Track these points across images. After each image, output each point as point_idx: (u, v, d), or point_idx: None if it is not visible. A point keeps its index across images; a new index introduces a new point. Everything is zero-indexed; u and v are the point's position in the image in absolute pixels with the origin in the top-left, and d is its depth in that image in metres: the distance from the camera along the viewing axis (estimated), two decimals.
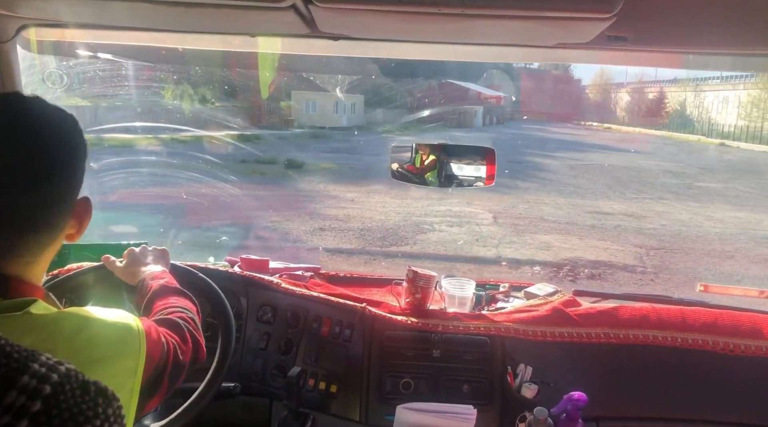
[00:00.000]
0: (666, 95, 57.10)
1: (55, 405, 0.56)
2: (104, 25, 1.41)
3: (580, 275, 7.31)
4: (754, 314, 1.77)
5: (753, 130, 40.12)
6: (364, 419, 1.69)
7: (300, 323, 1.79)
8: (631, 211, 11.76)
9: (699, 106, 51.55)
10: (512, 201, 12.61)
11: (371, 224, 9.52)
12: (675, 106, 55.27)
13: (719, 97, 48.42)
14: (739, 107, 44.26)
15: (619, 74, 69.34)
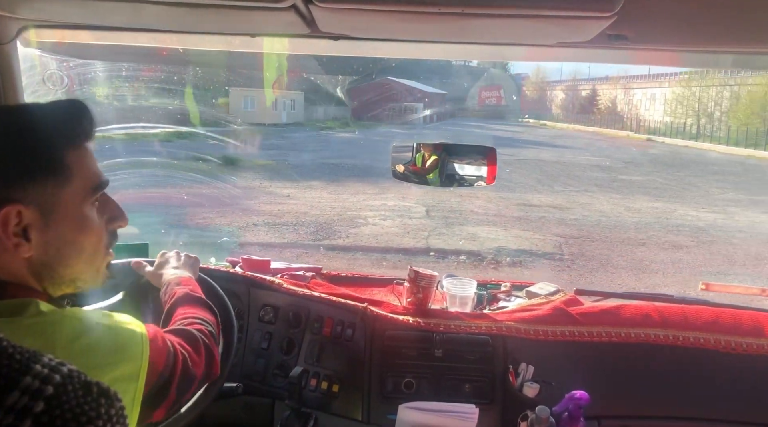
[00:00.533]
0: (598, 92, 58.91)
1: (58, 406, 0.57)
2: (104, 26, 1.40)
3: (502, 263, 7.68)
4: (755, 313, 1.76)
5: (677, 126, 42.02)
6: (366, 419, 1.70)
7: (302, 323, 1.80)
8: (556, 204, 12.31)
9: (629, 103, 53.50)
10: (446, 195, 12.92)
11: (305, 219, 9.71)
12: (606, 103, 57.17)
13: (647, 94, 50.28)
14: (665, 104, 46.05)
15: (554, 72, 70.91)
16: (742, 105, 37.25)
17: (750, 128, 34.53)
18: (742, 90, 38.38)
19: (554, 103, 67.11)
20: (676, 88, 44.28)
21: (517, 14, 0.99)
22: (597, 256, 8.28)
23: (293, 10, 1.04)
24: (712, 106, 41.18)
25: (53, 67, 1.76)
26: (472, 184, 1.73)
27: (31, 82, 1.63)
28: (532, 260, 7.90)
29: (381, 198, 11.93)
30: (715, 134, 37.18)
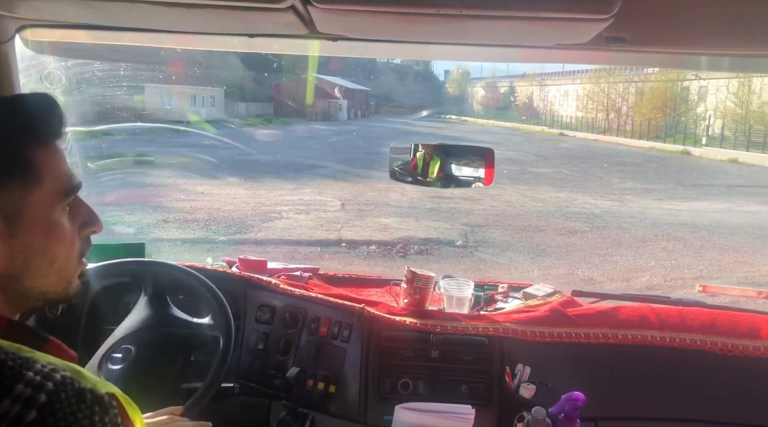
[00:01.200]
0: (516, 89, 60.83)
1: (51, 414, 0.55)
2: (103, 26, 1.39)
3: (410, 251, 8.05)
4: (752, 314, 1.76)
5: (588, 121, 43.99)
6: (362, 419, 1.69)
7: (298, 324, 1.79)
8: (467, 196, 12.79)
9: (544, 100, 55.47)
10: (363, 189, 13.31)
11: (218, 215, 9.81)
12: (524, 100, 59.12)
13: (561, 90, 52.28)
14: (577, 100, 48.02)
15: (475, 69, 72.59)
16: (645, 100, 39.31)
17: (652, 122, 36.71)
18: (645, 86, 40.36)
19: (475, 99, 68.80)
20: (587, 85, 46.18)
21: (514, 16, 0.99)
22: (499, 242, 8.83)
23: (291, 11, 1.04)
24: (620, 102, 43.22)
25: (51, 66, 1.74)
26: (471, 185, 1.74)
27: (28, 82, 1.62)
28: (438, 248, 8.35)
29: (298, 193, 12.17)
30: (622, 128, 38.81)
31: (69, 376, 0.59)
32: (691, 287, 6.82)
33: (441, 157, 1.73)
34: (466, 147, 1.80)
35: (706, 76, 36.01)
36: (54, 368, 0.59)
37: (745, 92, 32.49)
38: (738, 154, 25.82)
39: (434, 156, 1.73)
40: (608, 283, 7.02)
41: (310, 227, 9.35)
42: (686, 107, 37.26)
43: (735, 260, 8.21)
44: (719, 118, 33.36)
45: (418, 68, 70.60)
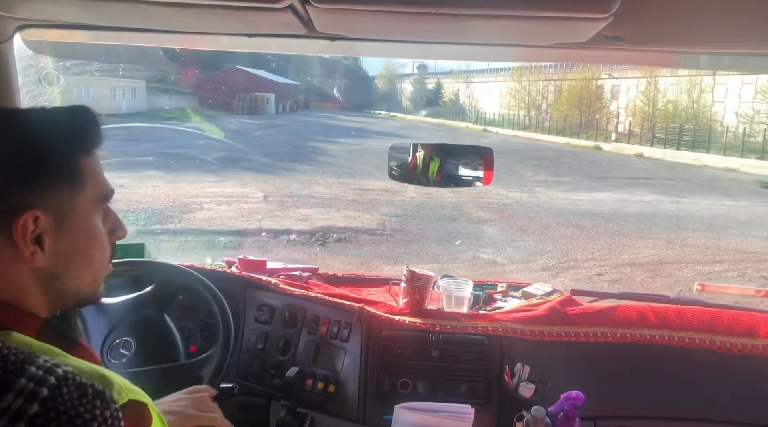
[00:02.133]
0: (443, 86, 61.70)
1: (53, 408, 0.56)
2: (101, 26, 1.39)
3: (329, 239, 8.43)
4: (750, 313, 1.77)
5: (510, 118, 45.40)
6: (362, 419, 1.69)
7: (298, 324, 1.80)
8: (389, 188, 13.32)
9: (470, 96, 56.62)
10: (287, 182, 13.58)
11: (137, 207, 9.91)
12: (450, 96, 60.10)
13: (485, 87, 53.54)
14: (500, 97, 49.35)
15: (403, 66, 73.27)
16: (563, 98, 40.73)
17: (568, 119, 38.44)
18: (564, 85, 41.92)
19: (404, 95, 69.35)
20: (510, 83, 47.50)
21: (514, 15, 0.99)
22: (414, 230, 9.40)
23: (290, 11, 1.04)
24: (540, 99, 44.68)
25: (50, 66, 1.74)
26: (470, 185, 1.76)
27: (27, 82, 1.61)
28: (356, 236, 8.80)
29: (220, 186, 12.35)
30: (541, 125, 40.26)
31: (71, 370, 0.60)
32: (582, 267, 7.57)
33: (440, 157, 1.74)
34: (465, 147, 1.81)
35: (618, 75, 38.02)
36: (56, 363, 0.60)
37: (652, 91, 34.63)
38: (643, 149, 27.76)
39: (433, 156, 1.74)
40: (509, 264, 7.67)
41: (230, 218, 9.62)
42: (600, 105, 38.82)
43: (624, 244, 9.07)
44: (629, 116, 35.38)
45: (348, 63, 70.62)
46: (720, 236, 9.79)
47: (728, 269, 7.77)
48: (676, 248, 8.94)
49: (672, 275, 7.47)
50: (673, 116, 31.89)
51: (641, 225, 10.55)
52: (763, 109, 27.60)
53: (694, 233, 10.03)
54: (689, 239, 9.52)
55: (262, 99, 42.79)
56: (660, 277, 7.40)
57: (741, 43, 1.32)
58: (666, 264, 7.97)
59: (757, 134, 26.00)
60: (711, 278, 7.36)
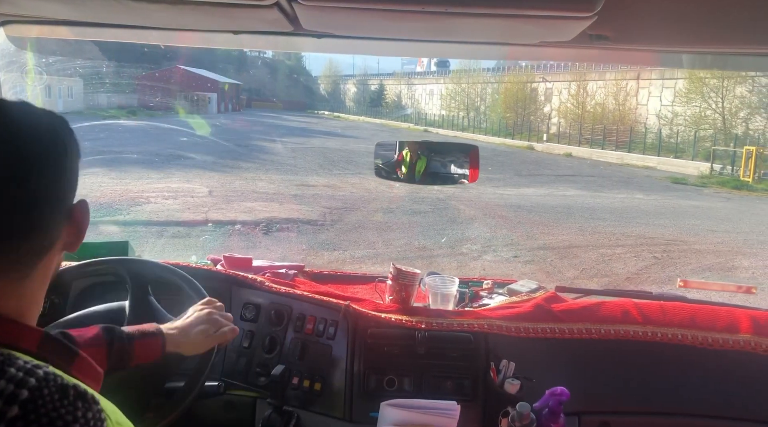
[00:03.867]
0: (386, 87, 62.56)
1: (33, 410, 0.56)
2: (85, 22, 1.38)
3: (272, 230, 9.08)
4: (731, 309, 1.80)
5: (450, 119, 46.54)
6: (348, 417, 1.70)
7: (284, 322, 1.79)
8: (331, 184, 14.10)
9: (411, 98, 57.69)
10: (231, 178, 14.10)
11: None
12: (393, 98, 61.03)
13: (426, 89, 54.66)
14: (441, 99, 50.50)
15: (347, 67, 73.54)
16: (500, 100, 42.20)
17: (504, 120, 39.89)
18: (501, 87, 43.29)
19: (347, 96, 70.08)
20: (450, 85, 48.85)
21: (499, 14, 1.00)
22: (353, 221, 10.18)
23: (276, 8, 1.03)
24: (479, 101, 46.18)
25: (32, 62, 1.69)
26: (456, 182, 1.76)
27: (9, 78, 1.60)
28: (298, 226, 9.51)
29: (165, 181, 12.76)
30: (480, 126, 41.74)
31: (52, 372, 0.60)
32: (501, 251, 8.49)
33: (426, 155, 1.75)
34: (451, 144, 1.82)
35: (552, 78, 39.76)
36: (36, 365, 0.59)
37: (582, 94, 36.50)
38: (572, 149, 29.58)
39: (419, 154, 1.75)
40: (437, 249, 8.51)
41: (177, 210, 10.14)
42: (534, 107, 40.44)
43: (541, 231, 10.11)
44: (561, 118, 37.13)
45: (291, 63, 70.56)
46: (626, 225, 10.98)
47: (627, 252, 8.84)
48: (586, 235, 10.04)
49: (578, 257, 8.47)
50: (601, 118, 33.70)
51: (559, 216, 11.67)
52: (680, 111, 29.74)
53: (605, 222, 11.22)
54: (599, 227, 10.67)
55: (203, 98, 42.50)
56: (567, 258, 8.38)
57: (723, 42, 1.32)
58: (574, 248, 9.00)
59: (675, 135, 28.05)
60: (611, 259, 8.42)
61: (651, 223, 11.36)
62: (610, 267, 8.05)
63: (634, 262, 8.30)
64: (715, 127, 27.36)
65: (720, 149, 24.08)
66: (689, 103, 28.83)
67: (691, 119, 28.47)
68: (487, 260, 8.10)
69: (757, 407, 1.69)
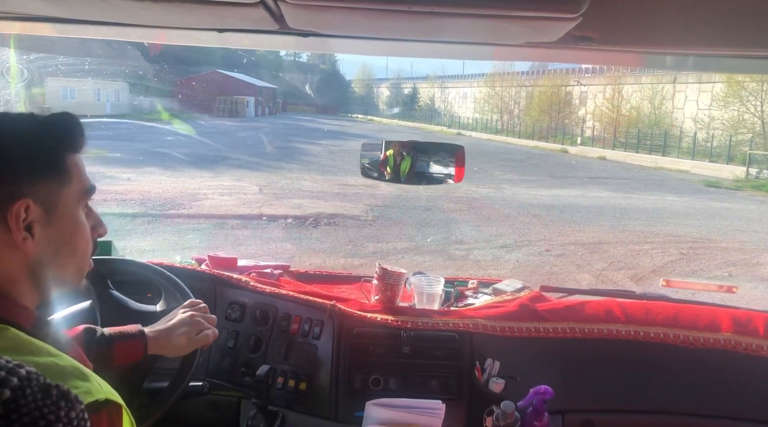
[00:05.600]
0: (419, 91, 62.81)
1: (15, 409, 0.56)
2: (68, 19, 1.37)
3: (321, 223, 9.85)
4: (713, 308, 1.82)
5: (484, 122, 46.72)
6: (333, 416, 1.70)
7: (269, 321, 1.79)
8: (370, 183, 14.66)
9: (444, 101, 57.85)
10: (277, 178, 15.00)
11: (150, 196, 11.23)
12: (426, 101, 61.27)
13: (460, 93, 54.73)
14: (474, 102, 50.63)
15: (380, 70, 73.95)
16: (534, 104, 42.35)
17: (538, 123, 40.04)
18: (535, 91, 43.29)
19: (380, 99, 70.28)
20: (483, 88, 49.03)
21: (485, 14, 1.00)
22: (393, 217, 10.92)
23: (262, 6, 1.03)
24: (512, 105, 46.25)
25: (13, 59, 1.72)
26: (441, 182, 1.77)
27: None
28: (344, 221, 10.25)
29: (217, 180, 13.72)
30: (514, 129, 41.93)
31: (35, 371, 0.60)
32: (534, 245, 9.07)
33: (412, 155, 1.75)
34: (437, 144, 1.82)
35: (586, 82, 39.79)
36: (19, 364, 0.59)
37: (617, 98, 36.52)
38: (606, 152, 29.72)
39: (405, 154, 1.75)
40: (473, 243, 9.13)
41: (233, 205, 11.01)
42: (569, 110, 40.56)
43: (572, 229, 10.62)
44: (596, 121, 37.17)
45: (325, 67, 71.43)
46: (656, 224, 11.41)
47: (654, 248, 9.28)
48: (615, 233, 10.50)
49: (607, 252, 8.96)
50: (636, 122, 33.67)
51: (591, 215, 12.15)
52: (717, 115, 29.62)
53: (635, 221, 11.63)
54: (629, 226, 11.10)
55: (241, 102, 43.08)
56: (597, 253, 8.84)
57: (707, 45, 1.34)
58: (604, 244, 9.50)
59: (711, 139, 27.98)
60: (639, 254, 8.91)
61: (680, 223, 11.75)
62: (637, 261, 8.49)
63: (660, 257, 8.72)
64: (753, 131, 27.17)
65: (758, 154, 23.98)
66: (727, 106, 28.70)
67: (728, 123, 28.46)
68: (520, 253, 8.68)
69: (738, 404, 1.71)
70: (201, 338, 1.35)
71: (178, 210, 10.32)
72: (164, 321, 1.36)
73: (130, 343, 1.26)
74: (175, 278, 1.55)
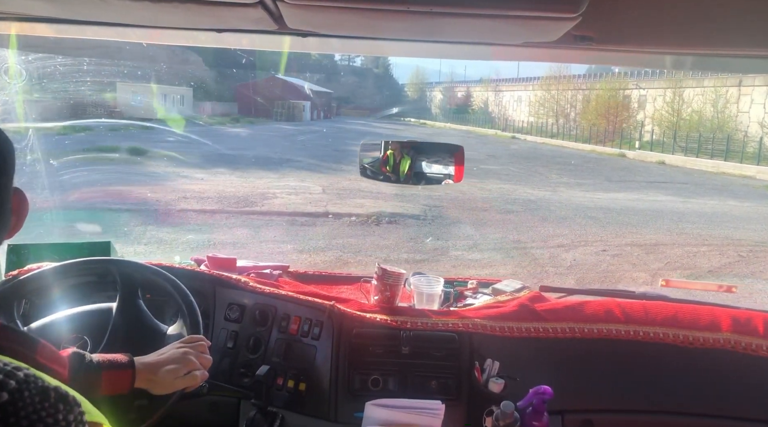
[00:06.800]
0: (472, 94, 62.28)
1: (13, 413, 0.55)
2: (66, 20, 1.37)
3: (382, 222, 10.36)
4: (712, 308, 1.81)
5: (539, 126, 46.27)
6: (333, 417, 1.69)
7: (268, 322, 1.79)
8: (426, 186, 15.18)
9: (499, 104, 57.34)
10: (337, 179, 15.71)
11: (225, 194, 12.08)
12: (479, 104, 60.81)
13: (514, 96, 54.08)
14: (529, 106, 50.11)
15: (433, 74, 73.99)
16: (591, 107, 41.55)
17: (595, 127, 39.51)
18: (592, 94, 42.55)
19: (433, 103, 70.16)
20: (539, 91, 48.33)
21: (483, 14, 1.00)
22: (450, 217, 11.41)
23: (260, 6, 1.03)
24: (569, 108, 45.51)
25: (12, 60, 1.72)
26: (440, 182, 1.76)
27: None
28: (404, 219, 10.75)
29: (283, 180, 14.42)
30: (570, 133, 41.35)
31: (33, 374, 0.59)
32: (590, 245, 9.32)
33: (411, 154, 1.75)
34: (437, 144, 1.81)
35: (646, 85, 39.02)
36: (17, 367, 0.59)
37: (677, 101, 35.73)
38: (665, 156, 29.07)
39: (404, 154, 1.75)
40: (530, 242, 9.44)
41: (300, 204, 11.70)
42: (627, 114, 39.81)
43: (629, 231, 10.74)
44: (655, 125, 36.43)
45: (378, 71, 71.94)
46: (715, 228, 11.36)
47: (712, 250, 9.29)
48: (673, 235, 10.57)
49: (663, 253, 9.05)
50: (698, 126, 32.84)
51: (648, 218, 12.16)
52: None
53: (693, 225, 11.63)
54: (687, 229, 11.13)
55: (298, 106, 43.91)
56: (653, 253, 8.93)
57: (705, 44, 1.33)
58: (661, 245, 9.60)
59: None
60: (696, 255, 9.03)
61: (741, 227, 11.68)
62: (693, 262, 8.57)
63: (718, 259, 8.76)
64: None
65: None
66: None
67: None
68: (577, 253, 8.94)
69: (738, 404, 1.71)
70: (188, 378, 1.29)
71: (251, 207, 11.05)
72: (156, 354, 1.30)
73: (118, 373, 1.20)
74: (193, 305, 1.53)
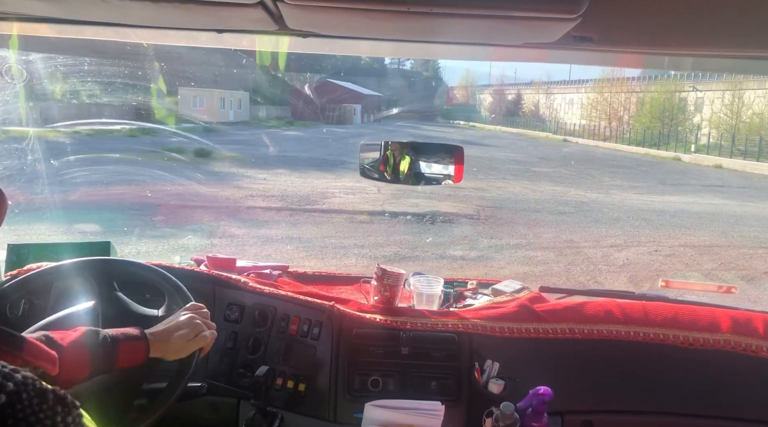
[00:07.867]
0: (523, 97, 61.72)
1: (11, 415, 0.55)
2: (67, 20, 1.37)
3: (437, 221, 10.80)
4: (712, 309, 1.81)
5: (591, 128, 45.69)
6: (332, 418, 1.69)
7: (268, 322, 1.78)
8: (478, 187, 15.69)
9: (550, 107, 56.84)
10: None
11: (287, 193, 12.80)
12: (530, 107, 60.36)
13: (566, 99, 53.57)
14: (581, 108, 49.60)
15: (483, 77, 73.68)
16: (645, 110, 41.09)
17: (649, 130, 38.80)
18: (646, 97, 42.05)
19: (483, 105, 69.87)
20: (591, 94, 48.06)
21: (484, 14, 1.00)
22: (503, 217, 11.74)
23: (261, 7, 1.03)
24: (622, 111, 44.98)
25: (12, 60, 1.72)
26: (440, 183, 1.76)
27: None
28: (458, 219, 11.23)
29: (339, 181, 15.03)
30: (623, 136, 40.88)
31: (31, 376, 0.59)
32: (643, 245, 9.50)
33: (410, 155, 1.75)
34: (436, 145, 1.82)
35: (703, 87, 38.15)
36: (15, 368, 0.59)
37: (737, 104, 34.80)
38: (723, 160, 28.40)
39: (404, 154, 1.75)
40: (583, 242, 9.69)
41: (358, 203, 12.31)
42: (683, 117, 39.28)
43: (683, 233, 10.91)
44: (713, 128, 35.55)
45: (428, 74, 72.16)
46: None
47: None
48: (728, 237, 10.66)
49: (718, 254, 9.19)
50: (758, 129, 32.02)
51: (703, 221, 12.28)
52: None
53: (750, 228, 11.67)
54: (743, 232, 11.17)
55: (349, 109, 44.33)
56: (707, 255, 9.08)
57: (705, 45, 1.33)
58: (715, 247, 9.73)
59: None
60: (752, 257, 9.08)
61: None
62: (749, 263, 8.66)
63: None
64: None
65: None
66: None
67: None
68: (630, 252, 9.13)
69: (737, 405, 1.71)
70: (199, 339, 1.35)
71: (313, 205, 11.73)
72: (164, 324, 1.35)
73: (133, 344, 1.25)
74: (177, 282, 1.56)
